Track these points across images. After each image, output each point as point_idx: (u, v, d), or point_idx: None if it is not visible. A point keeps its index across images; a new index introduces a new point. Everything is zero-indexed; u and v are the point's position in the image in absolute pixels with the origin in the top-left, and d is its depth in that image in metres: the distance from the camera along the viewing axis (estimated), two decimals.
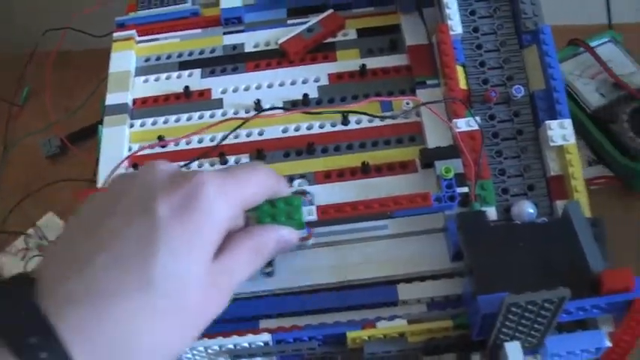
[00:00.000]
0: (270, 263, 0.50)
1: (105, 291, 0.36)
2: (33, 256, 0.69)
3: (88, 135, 0.82)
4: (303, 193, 0.53)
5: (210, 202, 0.39)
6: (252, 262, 0.43)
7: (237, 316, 0.49)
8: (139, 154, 0.58)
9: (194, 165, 0.57)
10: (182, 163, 0.56)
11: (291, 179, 0.55)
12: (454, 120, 0.54)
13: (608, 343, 0.46)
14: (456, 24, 0.56)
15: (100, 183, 0.55)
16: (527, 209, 0.51)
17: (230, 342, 0.47)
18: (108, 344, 0.35)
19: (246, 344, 0.47)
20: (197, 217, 0.39)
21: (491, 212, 0.51)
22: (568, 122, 0.53)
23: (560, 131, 0.52)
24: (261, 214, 0.46)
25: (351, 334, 0.46)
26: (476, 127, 0.53)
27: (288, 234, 0.46)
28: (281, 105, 0.59)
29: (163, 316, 0.37)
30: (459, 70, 0.56)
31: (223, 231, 0.41)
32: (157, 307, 0.37)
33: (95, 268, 0.36)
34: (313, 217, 0.49)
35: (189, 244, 0.38)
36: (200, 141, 0.58)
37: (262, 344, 0.47)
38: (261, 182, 0.44)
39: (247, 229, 0.44)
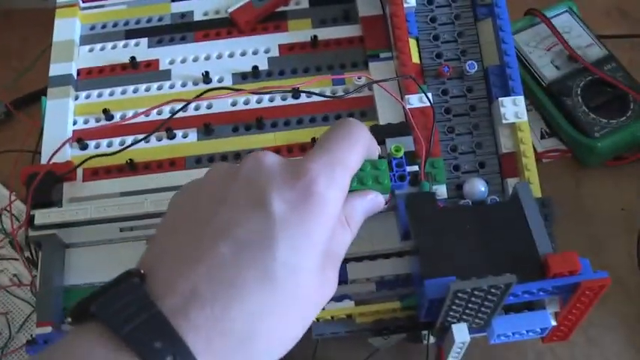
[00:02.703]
0: None
1: (228, 285, 0.34)
2: None
3: (36, 99, 0.79)
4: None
5: (324, 196, 0.38)
6: (348, 232, 0.42)
7: None
8: (83, 127, 0.56)
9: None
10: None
11: (238, 155, 0.54)
12: (406, 96, 0.53)
13: (554, 323, 0.46)
14: None
15: (44, 159, 0.54)
16: (479, 187, 0.51)
17: None
18: (231, 342, 0.34)
19: None
20: (313, 211, 0.37)
21: (442, 190, 0.51)
22: (520, 99, 0.52)
23: (513, 108, 0.52)
24: None
25: None
26: (428, 104, 0.52)
27: (375, 198, 0.44)
28: (230, 77, 0.57)
29: (283, 312, 0.36)
30: (412, 43, 0.55)
31: (337, 215, 0.39)
32: (277, 302, 0.35)
33: (217, 259, 0.35)
34: None
35: (307, 238, 0.37)
36: (147, 115, 0.55)
37: None
38: (364, 152, 0.43)
39: None
